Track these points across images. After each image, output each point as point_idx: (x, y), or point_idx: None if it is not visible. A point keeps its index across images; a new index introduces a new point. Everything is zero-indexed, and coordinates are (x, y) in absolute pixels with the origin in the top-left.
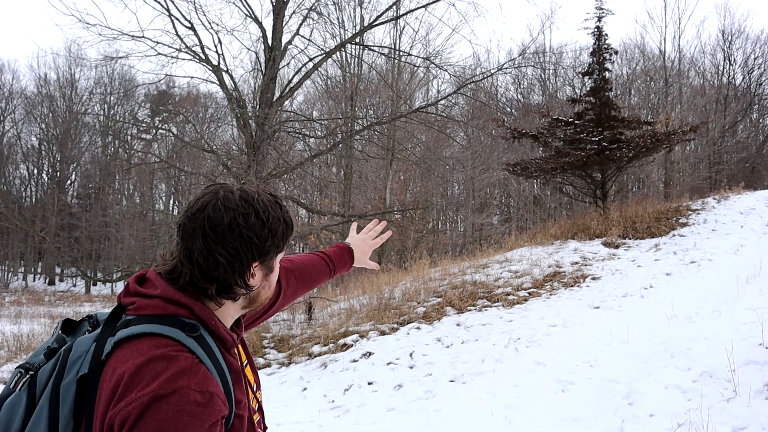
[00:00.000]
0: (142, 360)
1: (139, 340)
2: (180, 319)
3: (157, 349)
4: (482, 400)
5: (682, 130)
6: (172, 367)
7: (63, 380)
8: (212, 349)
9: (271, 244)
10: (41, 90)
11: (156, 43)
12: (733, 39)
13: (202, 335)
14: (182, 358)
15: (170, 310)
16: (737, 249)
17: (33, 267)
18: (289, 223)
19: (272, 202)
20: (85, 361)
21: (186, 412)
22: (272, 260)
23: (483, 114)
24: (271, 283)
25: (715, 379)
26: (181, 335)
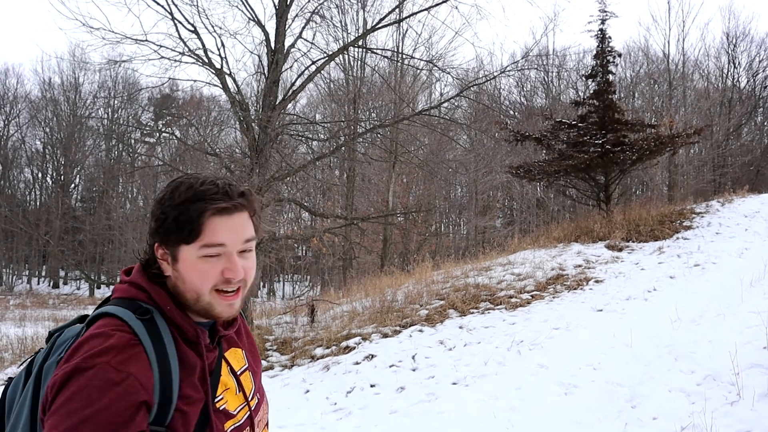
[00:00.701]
0: (86, 336)
1: (99, 320)
2: (136, 302)
3: (104, 327)
4: (485, 403)
5: (686, 133)
6: (103, 344)
7: (48, 360)
8: (161, 335)
9: (161, 227)
10: (45, 94)
11: (159, 47)
12: (737, 42)
13: (155, 320)
14: (117, 336)
15: (131, 293)
16: (741, 252)
17: (37, 270)
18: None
19: (182, 191)
20: (67, 346)
21: (96, 387)
22: (175, 248)
23: (486, 117)
24: (183, 277)
25: (719, 382)
26: (130, 316)
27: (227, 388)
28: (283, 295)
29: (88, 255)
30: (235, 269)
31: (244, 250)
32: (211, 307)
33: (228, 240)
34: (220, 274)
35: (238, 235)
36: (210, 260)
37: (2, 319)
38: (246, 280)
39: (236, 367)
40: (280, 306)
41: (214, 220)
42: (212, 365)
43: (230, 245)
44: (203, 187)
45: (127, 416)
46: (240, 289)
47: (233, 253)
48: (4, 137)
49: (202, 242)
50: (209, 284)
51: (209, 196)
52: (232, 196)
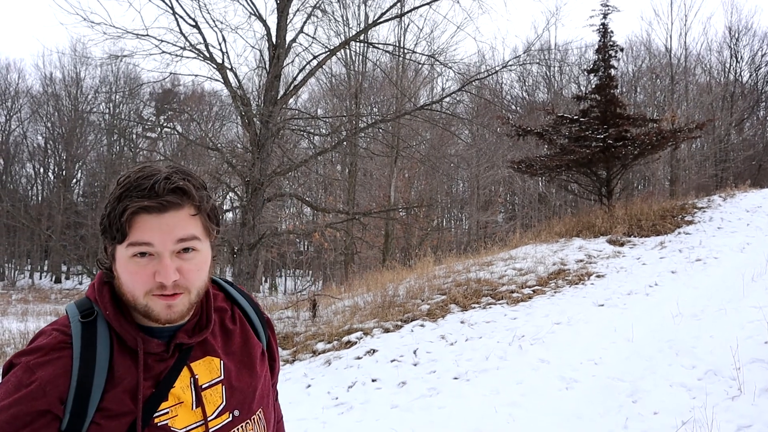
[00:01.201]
0: (39, 331)
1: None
2: (89, 301)
3: (54, 325)
4: (486, 398)
5: (688, 128)
6: (35, 342)
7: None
8: (94, 341)
9: (101, 224)
10: (47, 89)
11: (160, 42)
12: (740, 36)
13: (95, 323)
14: (52, 336)
15: (89, 293)
16: (743, 247)
17: (39, 265)
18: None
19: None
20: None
21: (12, 383)
22: (112, 246)
23: (488, 111)
24: (120, 277)
25: (720, 377)
26: (75, 317)
27: (180, 402)
28: (285, 289)
29: (90, 250)
30: (165, 272)
31: (182, 251)
32: (150, 309)
33: (155, 240)
34: (151, 277)
35: (169, 234)
36: (140, 261)
37: (5, 314)
38: (187, 285)
39: (204, 379)
40: (281, 301)
41: (140, 219)
42: (160, 376)
43: (159, 245)
44: (137, 182)
45: (26, 421)
46: (180, 294)
47: (164, 254)
48: (5, 132)
49: (129, 241)
50: (142, 287)
51: (136, 193)
52: (160, 193)
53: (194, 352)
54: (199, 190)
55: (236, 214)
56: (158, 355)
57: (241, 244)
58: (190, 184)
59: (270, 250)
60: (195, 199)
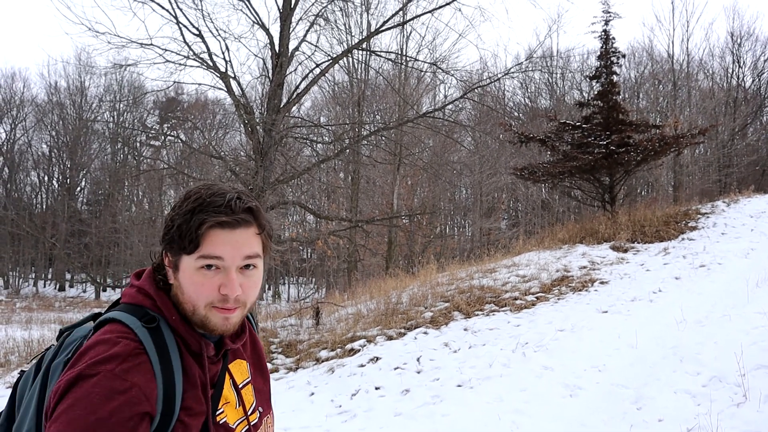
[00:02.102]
0: (91, 342)
1: (107, 325)
2: (143, 308)
3: (110, 333)
4: (490, 405)
5: (691, 134)
6: (107, 352)
7: (55, 360)
8: (166, 345)
9: (167, 234)
10: (52, 98)
11: (164, 51)
12: (742, 41)
13: (160, 328)
14: (122, 344)
15: (138, 300)
16: (747, 252)
17: (43, 273)
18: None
19: (191, 201)
20: (75, 346)
21: (99, 394)
22: (177, 257)
23: (490, 118)
24: (183, 287)
25: (725, 383)
26: (136, 324)
27: (227, 402)
28: (288, 297)
29: (94, 258)
30: (231, 285)
31: (245, 266)
32: (207, 320)
33: (226, 254)
34: (216, 289)
35: (238, 250)
36: (207, 273)
37: (9, 322)
38: (245, 300)
39: (239, 380)
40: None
41: (213, 233)
42: (215, 378)
43: (228, 260)
44: (210, 198)
45: (130, 426)
46: (238, 307)
47: (231, 269)
48: (10, 141)
49: (200, 253)
50: (205, 298)
51: (212, 208)
52: (236, 211)
53: (229, 355)
54: (264, 212)
55: None
56: (211, 358)
57: None
58: (259, 206)
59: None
60: (262, 218)
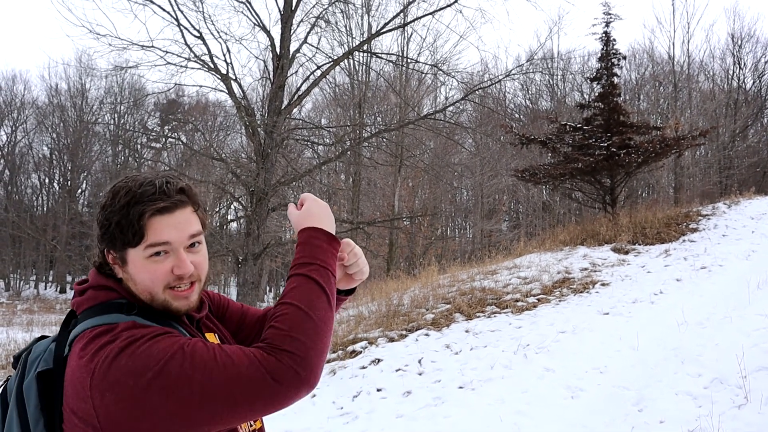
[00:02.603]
0: (84, 341)
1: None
2: (114, 302)
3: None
4: (491, 407)
5: (692, 135)
6: (113, 331)
7: (24, 380)
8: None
9: (107, 233)
10: (52, 100)
11: (165, 53)
12: (742, 43)
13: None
14: (121, 323)
15: (101, 297)
16: (748, 254)
17: (44, 275)
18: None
19: (122, 196)
20: (42, 360)
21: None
22: (123, 252)
23: (491, 120)
24: (134, 278)
25: (726, 385)
26: (120, 317)
27: None
28: None
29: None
30: (183, 265)
31: (191, 245)
32: (168, 303)
33: (172, 237)
34: (169, 272)
35: (182, 231)
36: (157, 259)
37: (10, 324)
38: (199, 274)
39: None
40: None
41: (155, 221)
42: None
43: (175, 242)
44: (141, 189)
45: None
46: (194, 283)
47: (179, 250)
48: (11, 143)
49: (146, 243)
50: (160, 283)
51: (147, 198)
52: (170, 194)
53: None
54: (193, 190)
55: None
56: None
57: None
58: (189, 184)
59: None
60: (195, 196)
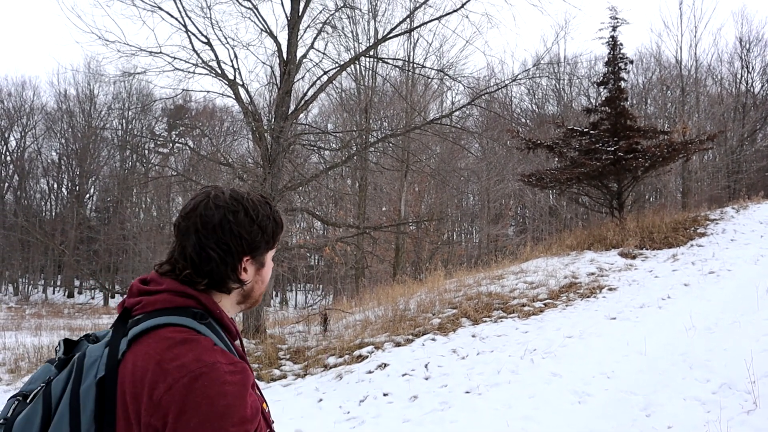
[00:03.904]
0: (163, 346)
1: (153, 332)
2: (189, 309)
3: (176, 334)
4: (498, 412)
5: (700, 139)
6: (196, 348)
7: (81, 385)
8: (222, 336)
9: (260, 239)
10: (61, 106)
11: (173, 59)
12: (751, 46)
13: (212, 323)
14: (202, 339)
15: (178, 302)
16: (757, 259)
17: (53, 280)
18: (279, 222)
19: (261, 201)
20: (101, 364)
21: (228, 382)
22: (263, 256)
23: (497, 125)
24: (263, 279)
25: (735, 390)
26: (193, 323)
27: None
28: (296, 304)
29: (103, 265)
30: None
31: None
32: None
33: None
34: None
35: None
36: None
37: (19, 329)
38: None
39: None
40: (292, 315)
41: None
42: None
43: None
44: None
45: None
46: None
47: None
48: (20, 148)
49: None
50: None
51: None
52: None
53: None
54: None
55: None
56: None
57: None
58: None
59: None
60: None
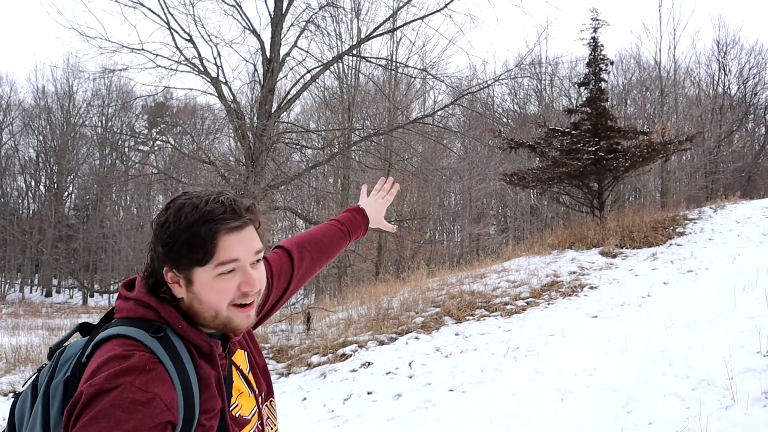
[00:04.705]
0: (103, 359)
1: (110, 341)
2: (147, 320)
3: (120, 347)
4: (482, 410)
5: (678, 140)
6: (120, 365)
7: (53, 381)
8: (178, 353)
9: (171, 252)
10: (39, 102)
11: (155, 56)
12: (727, 49)
13: (168, 337)
14: (137, 356)
15: (140, 313)
16: (734, 258)
17: (30, 279)
18: (194, 242)
19: (189, 213)
20: (72, 364)
21: (122, 407)
22: (188, 271)
23: (480, 124)
24: (200, 299)
25: (714, 386)
26: (144, 335)
27: (241, 393)
28: None
29: (82, 263)
30: (251, 282)
31: (255, 262)
32: (230, 320)
33: (242, 255)
34: (237, 289)
35: (250, 249)
36: (226, 277)
37: None
38: (260, 290)
39: (244, 369)
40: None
41: (226, 239)
42: (225, 372)
43: (244, 260)
44: (209, 207)
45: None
46: (254, 300)
47: (247, 267)
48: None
49: (216, 262)
50: (227, 301)
51: (218, 216)
52: (241, 214)
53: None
54: (257, 207)
55: None
56: (220, 355)
57: None
58: (253, 203)
59: None
60: (258, 214)
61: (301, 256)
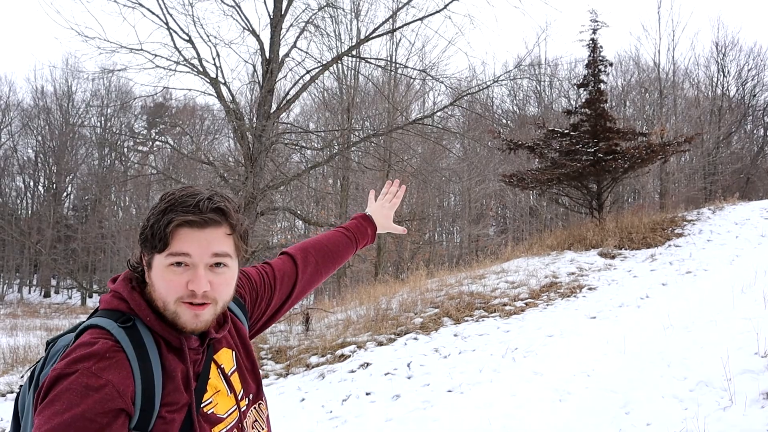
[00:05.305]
0: (73, 346)
1: (86, 331)
2: (119, 312)
3: (89, 336)
4: (480, 410)
5: (677, 141)
6: (80, 352)
7: (43, 371)
8: (143, 343)
9: (142, 234)
10: (38, 102)
11: (154, 56)
12: (726, 51)
13: (136, 327)
14: (99, 344)
15: (113, 304)
16: (733, 259)
17: (28, 279)
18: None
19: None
20: (59, 354)
21: (76, 391)
22: (150, 255)
23: (479, 125)
24: (154, 285)
25: (712, 388)
26: (112, 325)
27: (217, 391)
28: None
29: (81, 264)
30: (198, 281)
31: (215, 265)
32: (177, 316)
33: (193, 251)
34: (184, 285)
35: (206, 248)
36: (176, 270)
37: None
38: (215, 296)
39: (227, 368)
40: None
41: (181, 232)
42: (199, 368)
43: (196, 257)
44: (182, 199)
45: (104, 423)
46: (207, 304)
47: (199, 266)
48: None
49: (168, 251)
50: (174, 294)
51: (182, 208)
52: (204, 210)
53: (215, 344)
54: (235, 213)
55: None
56: (195, 350)
57: None
58: (229, 207)
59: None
60: (232, 219)
61: (305, 262)
